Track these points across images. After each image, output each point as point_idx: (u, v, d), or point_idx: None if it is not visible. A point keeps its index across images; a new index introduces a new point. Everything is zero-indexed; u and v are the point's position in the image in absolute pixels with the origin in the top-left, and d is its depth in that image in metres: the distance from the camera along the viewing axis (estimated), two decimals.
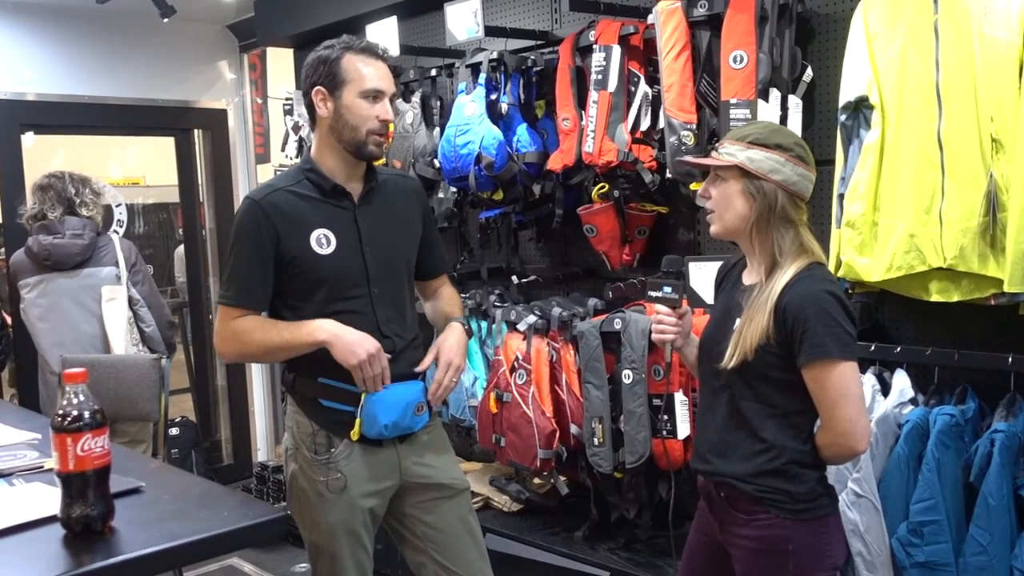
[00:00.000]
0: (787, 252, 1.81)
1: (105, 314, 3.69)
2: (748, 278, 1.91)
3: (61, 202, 3.70)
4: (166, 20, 4.41)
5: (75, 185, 3.75)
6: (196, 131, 5.29)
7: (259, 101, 5.37)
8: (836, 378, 1.74)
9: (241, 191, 5.32)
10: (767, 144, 1.81)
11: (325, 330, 2.03)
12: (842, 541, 1.91)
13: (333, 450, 2.11)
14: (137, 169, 5.80)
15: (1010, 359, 2.11)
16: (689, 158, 2.43)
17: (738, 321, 1.84)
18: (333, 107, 2.08)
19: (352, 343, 2.01)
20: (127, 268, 3.75)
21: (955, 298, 2.17)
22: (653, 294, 1.99)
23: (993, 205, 2.03)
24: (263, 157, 5.39)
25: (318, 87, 2.08)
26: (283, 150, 4.18)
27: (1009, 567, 2.05)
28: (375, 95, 2.07)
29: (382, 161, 2.57)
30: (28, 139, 4.72)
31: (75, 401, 1.53)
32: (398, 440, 2.16)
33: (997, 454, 2.05)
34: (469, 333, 2.30)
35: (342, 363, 2.01)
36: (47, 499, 1.67)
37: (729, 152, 1.83)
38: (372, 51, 2.10)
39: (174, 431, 4.55)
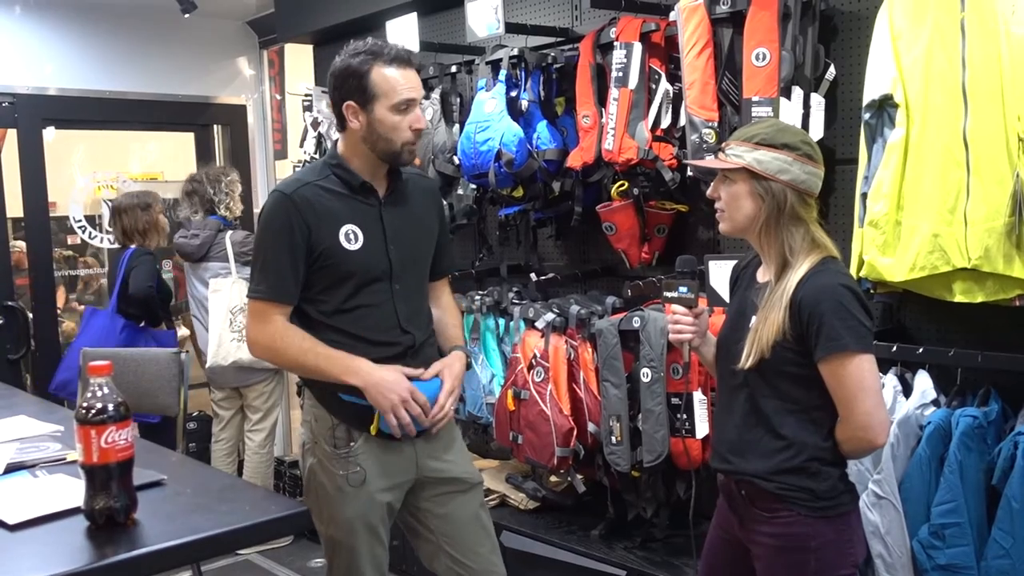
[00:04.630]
0: (798, 250, 1.81)
1: (209, 305, 4.01)
2: (763, 276, 1.90)
3: (203, 204, 4.08)
4: (187, 16, 4.43)
5: (212, 186, 4.09)
6: (215, 127, 5.31)
7: (278, 97, 5.39)
8: (853, 370, 1.73)
9: (260, 187, 5.34)
10: (774, 144, 1.79)
11: (359, 375, 2.04)
12: (862, 538, 1.91)
13: (352, 444, 2.11)
14: (157, 164, 5.83)
15: None
16: (695, 160, 2.42)
17: (754, 319, 1.84)
18: (365, 120, 2.06)
19: (384, 387, 2.02)
20: (237, 261, 4.01)
21: (979, 299, 2.15)
22: (669, 294, 1.98)
23: (1019, 205, 2.00)
24: (281, 153, 5.41)
25: (348, 102, 2.06)
26: (302, 146, 4.19)
27: None
28: (406, 106, 2.06)
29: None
30: (49, 134, 4.75)
31: (99, 394, 1.53)
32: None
33: (1021, 457, 2.02)
34: (468, 364, 2.32)
35: (375, 406, 2.03)
36: (70, 491, 1.68)
37: (736, 153, 1.82)
38: (400, 59, 2.06)
39: (192, 425, 4.58)
